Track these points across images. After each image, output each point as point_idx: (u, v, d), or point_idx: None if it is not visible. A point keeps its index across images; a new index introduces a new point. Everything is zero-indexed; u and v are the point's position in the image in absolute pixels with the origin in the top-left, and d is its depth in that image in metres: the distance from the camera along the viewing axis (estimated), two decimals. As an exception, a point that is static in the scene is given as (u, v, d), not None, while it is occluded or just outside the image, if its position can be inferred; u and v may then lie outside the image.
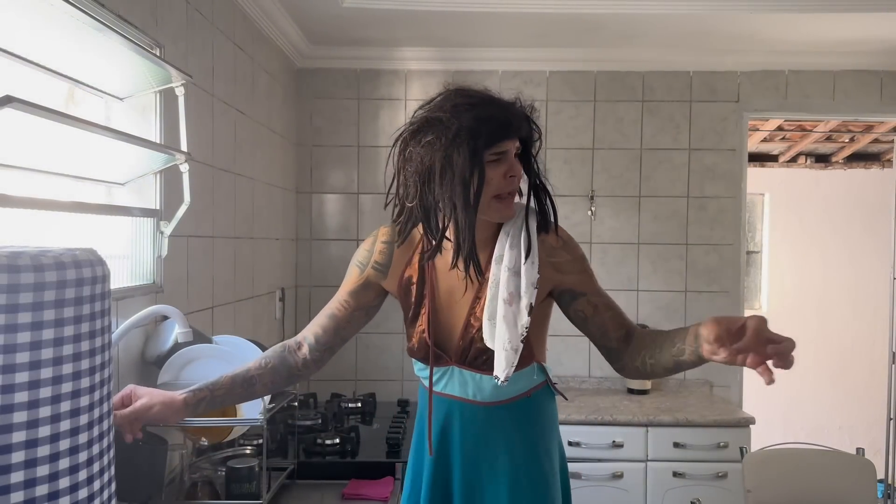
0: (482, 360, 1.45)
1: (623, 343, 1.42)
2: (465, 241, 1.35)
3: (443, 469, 1.50)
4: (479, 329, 1.43)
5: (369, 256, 1.54)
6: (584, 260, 1.48)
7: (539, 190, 1.45)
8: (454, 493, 1.49)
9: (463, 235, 1.35)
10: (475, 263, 1.37)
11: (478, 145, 1.31)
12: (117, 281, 1.69)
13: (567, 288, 1.45)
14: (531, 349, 1.44)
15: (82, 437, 0.81)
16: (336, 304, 1.55)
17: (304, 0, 2.68)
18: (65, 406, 0.78)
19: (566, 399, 1.63)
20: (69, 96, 1.63)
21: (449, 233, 1.40)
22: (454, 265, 1.39)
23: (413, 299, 1.50)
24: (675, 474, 2.86)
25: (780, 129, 5.32)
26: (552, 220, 1.45)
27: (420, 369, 1.56)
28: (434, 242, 1.40)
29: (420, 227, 1.45)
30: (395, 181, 1.41)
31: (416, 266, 1.50)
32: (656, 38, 3.11)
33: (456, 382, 1.49)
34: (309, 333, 1.54)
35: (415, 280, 1.50)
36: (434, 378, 1.51)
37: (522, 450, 1.48)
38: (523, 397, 1.49)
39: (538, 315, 1.45)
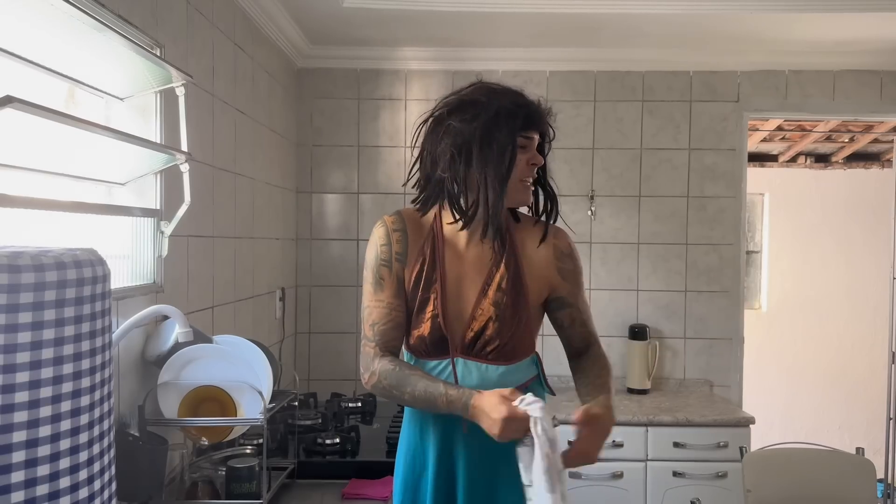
0: (489, 349, 1.48)
1: (575, 356, 1.61)
2: (496, 212, 1.45)
3: (447, 462, 1.50)
4: (490, 318, 1.46)
5: (390, 251, 1.52)
6: (582, 274, 1.59)
7: (546, 191, 1.57)
8: (458, 487, 1.49)
9: (494, 208, 1.44)
10: (501, 234, 1.48)
11: (515, 125, 1.43)
12: (118, 281, 1.69)
13: (560, 295, 1.54)
14: (532, 340, 1.54)
15: (83, 437, 0.81)
16: (393, 313, 1.52)
17: (304, 0, 2.68)
18: (65, 406, 0.78)
19: (553, 394, 1.64)
20: (69, 96, 1.63)
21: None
22: (484, 236, 1.49)
23: (421, 285, 1.51)
24: (675, 474, 2.86)
25: (779, 129, 5.31)
26: (553, 220, 1.57)
27: (420, 365, 1.54)
28: (458, 216, 1.48)
29: (431, 215, 1.53)
30: (420, 158, 1.51)
31: (428, 253, 1.52)
32: (656, 38, 3.11)
33: (459, 374, 1.49)
34: (394, 346, 1.53)
35: (425, 266, 1.51)
36: (435, 371, 1.51)
37: None
38: (522, 388, 1.49)
39: (537, 314, 1.56)
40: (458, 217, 1.49)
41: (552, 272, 1.53)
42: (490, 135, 1.43)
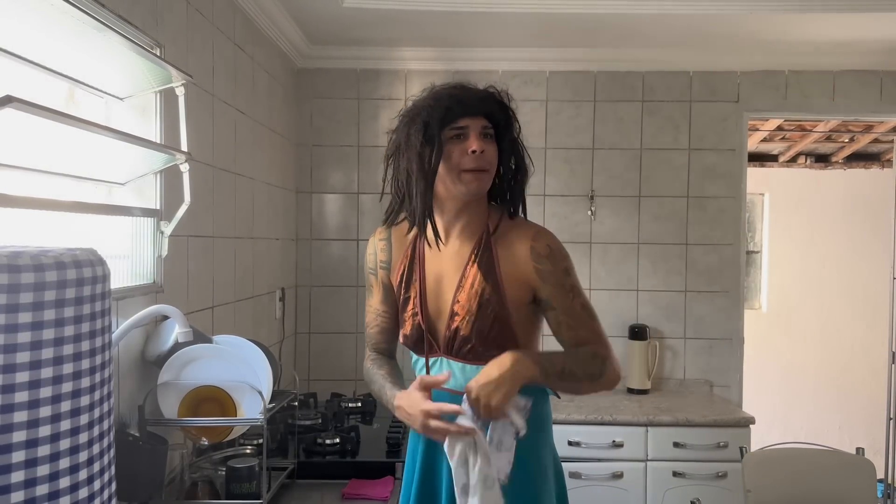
0: (467, 349, 1.47)
1: None
2: (420, 204, 1.45)
3: (431, 463, 1.51)
4: (463, 317, 1.47)
5: (375, 259, 1.62)
6: (566, 274, 1.48)
7: (515, 173, 1.52)
8: (441, 488, 1.49)
9: (415, 202, 1.46)
10: (432, 222, 1.47)
11: (432, 121, 1.42)
12: (117, 281, 1.69)
13: (542, 297, 1.49)
14: (513, 340, 1.48)
15: (83, 437, 0.81)
16: (379, 318, 1.64)
17: (304, 0, 2.68)
18: (65, 406, 0.78)
19: (559, 397, 1.62)
20: (69, 96, 1.63)
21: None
22: (423, 233, 1.51)
23: (403, 285, 1.55)
24: (675, 474, 2.86)
25: (779, 129, 5.31)
26: (520, 206, 1.54)
27: (414, 362, 1.59)
28: (414, 218, 1.49)
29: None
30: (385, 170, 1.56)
31: (409, 254, 1.57)
32: (656, 38, 3.11)
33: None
34: (382, 348, 1.66)
35: (406, 267, 1.56)
36: (415, 368, 1.56)
37: None
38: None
39: (526, 315, 1.50)
40: (384, 219, 1.57)
41: (529, 272, 1.46)
42: (408, 137, 1.45)
